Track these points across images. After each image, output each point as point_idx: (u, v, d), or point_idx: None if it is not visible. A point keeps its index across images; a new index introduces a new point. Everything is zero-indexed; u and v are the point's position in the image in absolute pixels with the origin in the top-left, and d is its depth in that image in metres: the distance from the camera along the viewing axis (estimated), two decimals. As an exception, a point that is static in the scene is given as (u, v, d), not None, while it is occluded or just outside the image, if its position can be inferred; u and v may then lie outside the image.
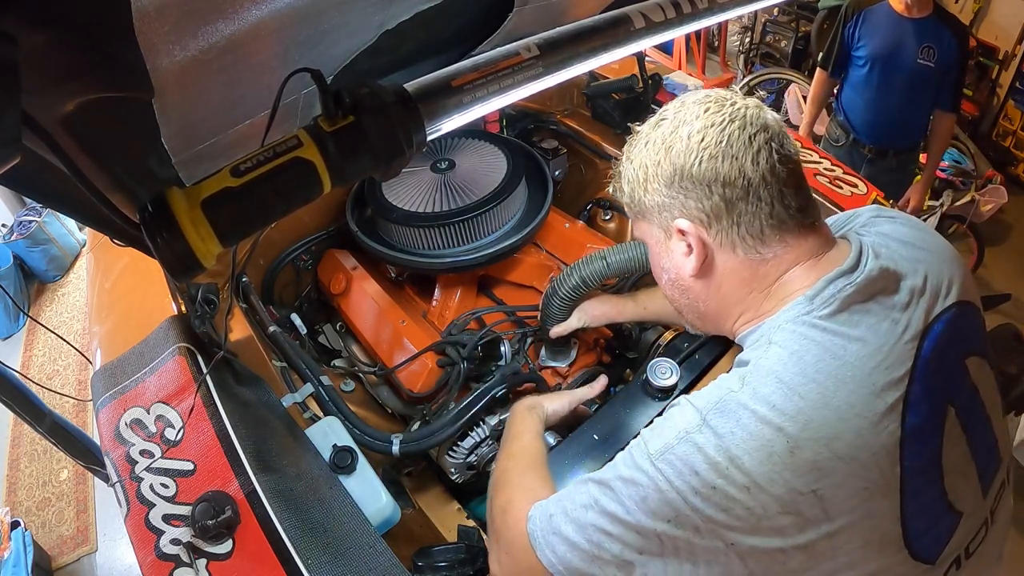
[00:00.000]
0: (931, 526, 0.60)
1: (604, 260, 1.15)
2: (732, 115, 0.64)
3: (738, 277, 0.67)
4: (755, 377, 0.59)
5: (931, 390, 0.60)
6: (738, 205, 0.64)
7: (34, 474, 2.66)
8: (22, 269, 3.55)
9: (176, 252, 0.56)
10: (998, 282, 3.06)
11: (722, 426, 0.57)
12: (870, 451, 0.56)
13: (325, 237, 1.58)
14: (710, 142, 0.64)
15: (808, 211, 0.66)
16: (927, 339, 0.61)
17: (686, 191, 0.65)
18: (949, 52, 2.17)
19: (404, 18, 0.75)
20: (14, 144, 0.45)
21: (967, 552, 0.65)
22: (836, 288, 0.62)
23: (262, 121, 0.67)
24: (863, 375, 0.58)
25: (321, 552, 0.83)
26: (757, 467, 0.55)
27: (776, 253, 0.65)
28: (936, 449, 0.60)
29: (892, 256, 0.66)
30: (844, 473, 0.55)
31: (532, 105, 1.80)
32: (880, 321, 0.61)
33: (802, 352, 0.59)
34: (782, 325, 0.62)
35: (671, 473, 0.57)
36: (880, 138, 2.42)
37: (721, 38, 4.54)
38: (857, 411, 0.56)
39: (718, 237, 0.66)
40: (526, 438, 0.91)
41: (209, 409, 0.99)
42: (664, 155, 0.67)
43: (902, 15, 2.19)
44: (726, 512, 0.55)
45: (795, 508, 0.55)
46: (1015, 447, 2.18)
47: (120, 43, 0.49)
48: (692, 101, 0.68)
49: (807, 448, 0.55)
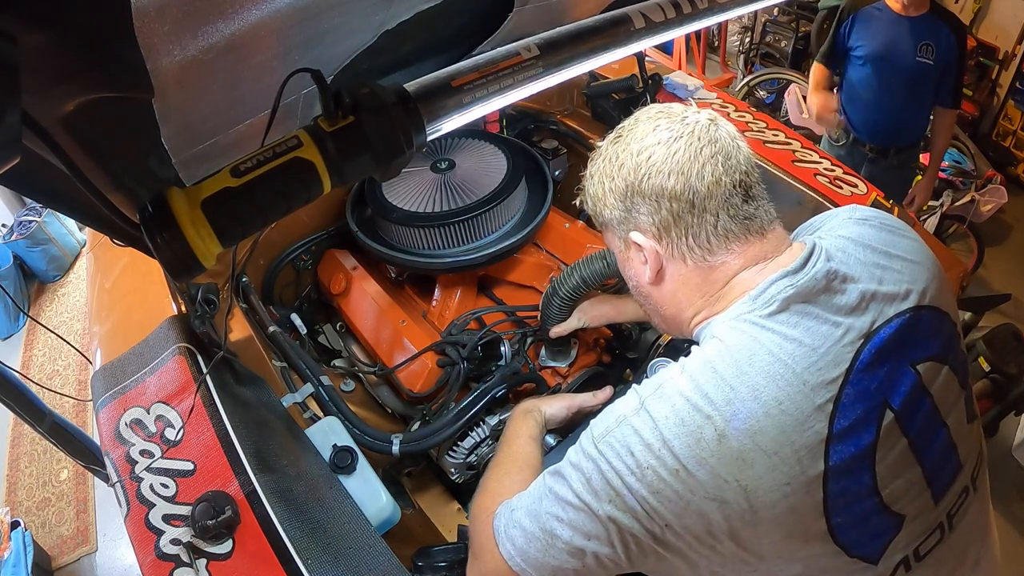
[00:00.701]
0: (860, 523, 0.61)
1: (604, 260, 1.15)
2: (680, 132, 0.67)
3: (690, 284, 0.70)
4: (693, 365, 0.63)
5: (865, 393, 0.61)
6: (685, 218, 0.67)
7: (34, 474, 2.66)
8: (22, 269, 3.55)
9: (176, 252, 0.56)
10: (998, 282, 3.06)
11: (658, 410, 0.60)
12: (792, 447, 0.58)
13: (325, 237, 1.58)
14: (657, 159, 0.67)
15: (755, 219, 0.68)
16: (870, 342, 0.62)
17: (637, 206, 0.69)
18: (948, 48, 2.17)
19: (404, 18, 0.75)
20: (14, 144, 0.45)
21: (917, 554, 0.65)
22: (777, 289, 0.63)
23: (262, 121, 0.67)
24: (794, 374, 0.59)
25: (321, 552, 0.83)
26: (686, 451, 0.58)
27: (723, 260, 0.68)
28: (868, 451, 0.61)
29: (847, 260, 0.67)
30: (766, 466, 0.57)
31: (532, 105, 1.80)
32: (820, 323, 0.62)
33: (739, 346, 0.62)
34: (724, 321, 0.65)
35: (611, 454, 0.61)
36: (881, 137, 2.42)
37: (721, 38, 4.54)
38: (784, 408, 0.58)
39: (668, 248, 0.69)
40: (515, 444, 0.92)
41: (209, 409, 0.99)
42: (617, 171, 0.70)
43: (899, 14, 2.19)
44: (657, 494, 0.58)
45: (720, 495, 0.57)
46: (1015, 447, 2.17)
47: (120, 43, 0.49)
48: (645, 118, 0.71)
49: (733, 438, 0.58)
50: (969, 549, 0.70)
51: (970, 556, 0.70)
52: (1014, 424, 2.19)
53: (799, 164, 1.57)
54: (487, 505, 0.76)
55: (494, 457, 0.92)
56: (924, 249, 0.74)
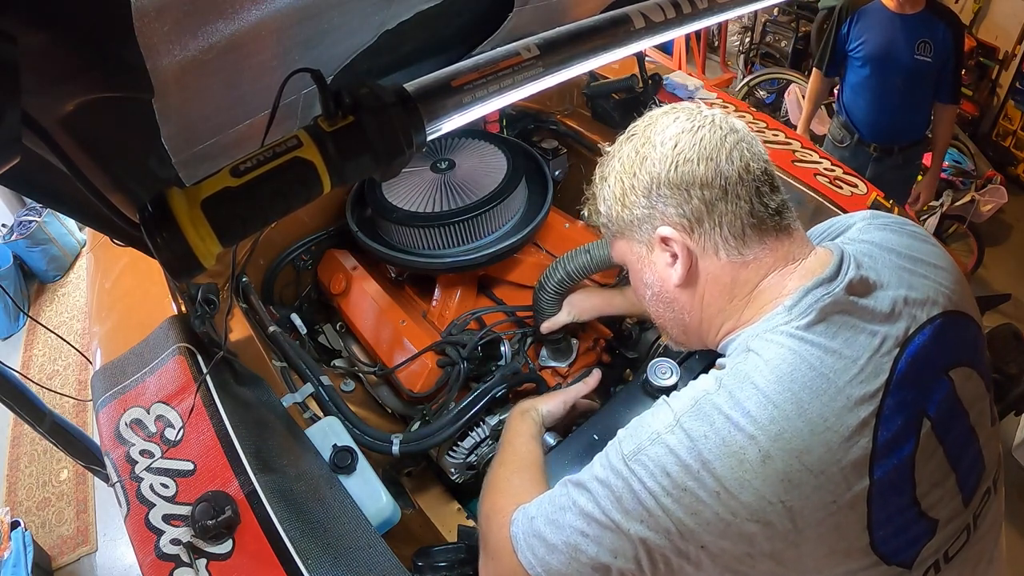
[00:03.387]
0: (900, 533, 0.60)
1: (588, 254, 1.15)
2: (701, 121, 0.66)
3: (720, 283, 0.68)
4: (731, 380, 0.60)
5: (905, 403, 0.60)
6: (718, 206, 0.65)
7: (34, 474, 2.66)
8: (22, 269, 3.55)
9: (176, 252, 0.56)
10: (998, 282, 3.06)
11: (696, 429, 0.58)
12: (839, 466, 0.56)
13: (325, 237, 1.58)
14: (684, 147, 0.65)
15: (784, 214, 0.67)
16: (906, 351, 0.61)
17: (665, 198, 0.66)
18: (945, 45, 2.18)
19: (404, 18, 0.75)
20: (14, 144, 0.45)
21: (946, 556, 0.65)
22: (814, 298, 0.62)
23: (262, 121, 0.67)
24: (837, 388, 0.57)
25: (321, 552, 0.83)
26: (728, 473, 0.55)
27: (756, 255, 0.66)
28: (908, 462, 0.60)
29: (875, 266, 0.66)
30: (813, 486, 0.55)
31: (532, 105, 1.80)
32: (857, 333, 0.60)
33: (778, 361, 0.59)
34: (760, 334, 0.63)
35: (643, 474, 0.58)
36: (884, 136, 2.42)
37: (721, 38, 4.54)
38: (829, 424, 0.56)
39: (701, 241, 0.66)
40: (517, 443, 0.91)
41: (209, 409, 0.99)
42: (639, 166, 0.68)
43: (895, 12, 2.20)
44: (695, 516, 0.56)
45: (763, 517, 0.55)
46: (1015, 447, 2.18)
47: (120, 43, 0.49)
48: (660, 114, 0.70)
49: (778, 459, 0.55)
50: (986, 548, 0.70)
51: (986, 555, 0.70)
52: (1014, 424, 2.20)
53: (799, 164, 1.57)
54: (501, 505, 0.75)
55: (497, 456, 0.91)
56: (944, 253, 0.73)
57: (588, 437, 1.02)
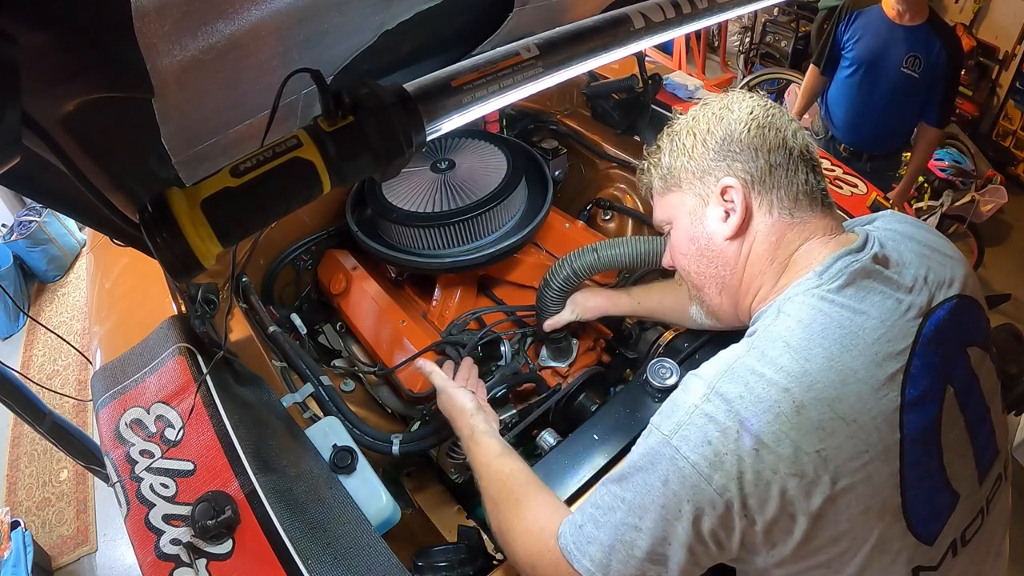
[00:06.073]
0: (928, 499, 0.62)
1: (596, 253, 1.16)
2: (767, 104, 0.75)
3: (767, 242, 0.72)
4: (763, 341, 0.63)
5: (931, 366, 0.63)
6: (779, 170, 0.71)
7: (34, 474, 2.67)
8: (22, 269, 3.55)
9: (176, 252, 0.56)
10: (998, 282, 3.06)
11: (731, 391, 0.60)
12: (870, 415, 0.59)
13: (325, 237, 1.58)
14: (758, 115, 0.73)
15: (827, 194, 0.74)
16: (929, 320, 0.65)
17: (735, 154, 0.72)
18: (936, 64, 2.12)
19: (404, 18, 0.75)
20: (14, 144, 0.45)
21: (963, 539, 0.66)
22: (844, 264, 0.66)
23: (262, 121, 0.67)
24: (866, 344, 0.61)
25: (321, 552, 0.83)
26: (765, 428, 0.58)
27: (803, 219, 0.71)
28: (935, 424, 0.63)
29: (898, 248, 0.71)
30: (846, 434, 0.58)
31: (532, 105, 1.80)
32: (885, 299, 0.64)
33: (809, 320, 0.63)
34: (792, 297, 0.66)
35: (687, 449, 0.60)
36: (856, 141, 2.41)
37: (721, 38, 4.54)
38: (859, 376, 0.59)
39: (759, 197, 0.72)
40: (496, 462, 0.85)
41: (209, 409, 0.99)
42: (716, 123, 0.74)
43: (894, 21, 2.16)
44: (738, 479, 0.58)
45: (800, 469, 0.57)
46: (1015, 447, 2.18)
47: (120, 43, 0.49)
48: (730, 94, 0.78)
49: (812, 408, 0.58)
50: (995, 540, 0.72)
51: (994, 548, 0.72)
52: (1014, 424, 2.20)
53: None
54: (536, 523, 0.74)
55: (483, 479, 0.85)
56: (956, 250, 0.77)
57: (588, 437, 1.02)
